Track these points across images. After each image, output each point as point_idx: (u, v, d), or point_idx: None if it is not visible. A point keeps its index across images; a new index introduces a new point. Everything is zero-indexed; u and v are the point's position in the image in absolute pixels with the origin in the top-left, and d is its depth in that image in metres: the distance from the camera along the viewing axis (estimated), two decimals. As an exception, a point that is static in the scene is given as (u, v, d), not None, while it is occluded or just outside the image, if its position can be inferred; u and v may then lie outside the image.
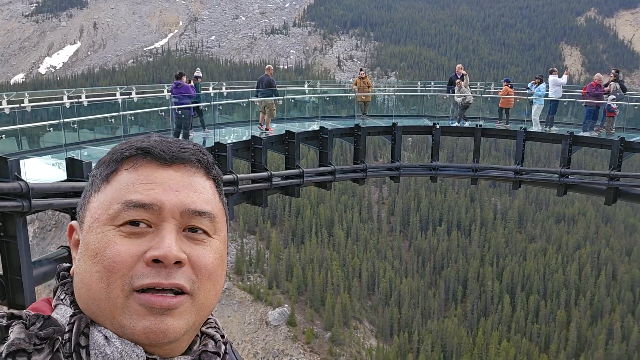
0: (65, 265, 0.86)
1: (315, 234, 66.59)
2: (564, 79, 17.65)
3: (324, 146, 15.57)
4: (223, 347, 0.84)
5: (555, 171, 15.75)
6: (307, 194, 67.26)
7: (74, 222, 0.84)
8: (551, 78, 17.18)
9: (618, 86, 16.64)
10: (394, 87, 28.39)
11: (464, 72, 18.00)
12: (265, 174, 13.48)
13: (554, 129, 17.11)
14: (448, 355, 57.67)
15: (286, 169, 14.81)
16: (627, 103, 16.94)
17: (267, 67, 16.62)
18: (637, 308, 62.69)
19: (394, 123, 16.76)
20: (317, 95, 18.62)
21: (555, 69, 18.10)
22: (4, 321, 0.70)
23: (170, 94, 14.50)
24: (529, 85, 18.39)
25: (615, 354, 56.51)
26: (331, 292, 59.28)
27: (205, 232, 0.80)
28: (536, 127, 16.93)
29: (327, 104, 20.10)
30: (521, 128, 16.46)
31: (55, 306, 0.80)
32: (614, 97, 16.07)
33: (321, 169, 15.41)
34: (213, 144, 13.07)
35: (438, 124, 16.96)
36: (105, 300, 0.73)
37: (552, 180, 15.99)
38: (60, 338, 0.71)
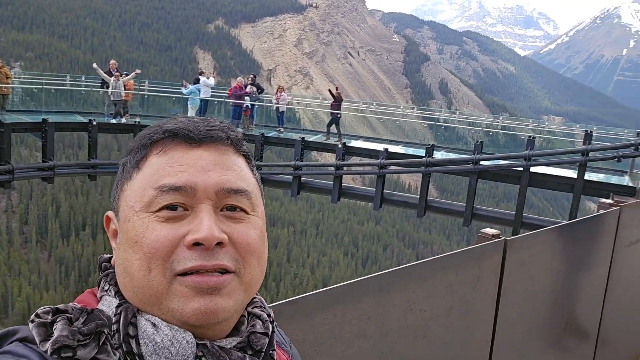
0: (106, 256, 0.85)
1: None
2: (212, 81, 19.44)
3: (-45, 145, 13.04)
4: (270, 326, 0.83)
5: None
6: None
7: (109, 213, 0.83)
8: (202, 79, 18.67)
9: (255, 89, 19.38)
10: (19, 78, 25.44)
11: (96, 66, 17.90)
12: None
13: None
14: None
15: None
16: (262, 104, 19.88)
17: None
18: (268, 281, 73.30)
19: (44, 119, 15.27)
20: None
21: (204, 71, 19.79)
22: (49, 317, 0.69)
23: None
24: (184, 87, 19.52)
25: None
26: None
27: (243, 209, 0.78)
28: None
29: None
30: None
31: (101, 297, 0.79)
32: (255, 97, 18.68)
33: (-47, 171, 12.87)
34: None
35: (94, 120, 16.30)
36: (148, 287, 0.72)
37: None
38: (106, 331, 0.70)
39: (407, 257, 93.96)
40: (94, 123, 16.04)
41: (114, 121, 17.37)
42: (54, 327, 0.68)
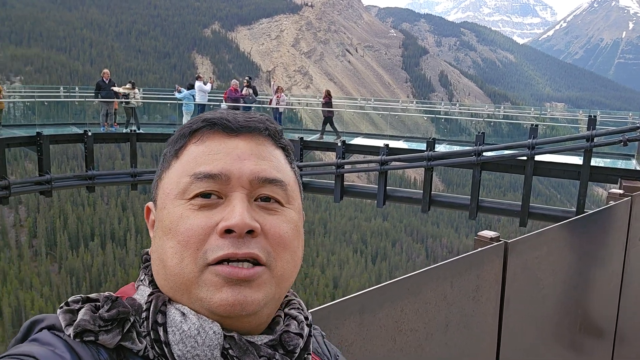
0: (148, 249, 0.85)
1: None
2: (208, 86, 19.17)
3: (-51, 163, 12.89)
4: (306, 329, 0.79)
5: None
6: None
7: (149, 203, 0.84)
8: (197, 84, 18.45)
9: (251, 91, 19.15)
10: (21, 92, 25.43)
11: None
12: None
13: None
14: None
15: None
16: (260, 105, 19.65)
17: None
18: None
19: (38, 132, 15.11)
20: None
21: (201, 75, 19.55)
22: (77, 305, 0.71)
23: None
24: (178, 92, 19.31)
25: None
26: (-35, 341, 49.21)
27: (277, 201, 0.77)
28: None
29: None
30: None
31: (137, 287, 0.81)
32: (252, 99, 18.46)
33: (-52, 190, 12.71)
34: None
35: (90, 131, 16.11)
36: (179, 275, 0.72)
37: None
38: (131, 319, 0.71)
39: (416, 251, 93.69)
40: (89, 134, 15.86)
41: (127, 130, 17.35)
42: (79, 313, 0.69)
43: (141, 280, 0.81)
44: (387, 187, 15.89)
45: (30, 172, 65.77)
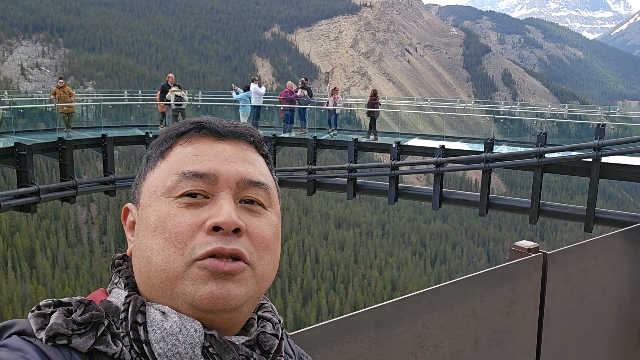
0: (120, 254, 0.87)
1: (13, 268, 57.54)
2: (263, 89, 19.37)
3: (23, 164, 13.69)
4: (280, 330, 0.82)
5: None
6: (-4, 223, 57.63)
7: (128, 204, 0.84)
8: (252, 86, 18.71)
9: (306, 92, 19.19)
10: (93, 96, 26.74)
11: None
12: (-54, 202, 11.14)
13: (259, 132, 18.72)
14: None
15: (-25, 193, 12.52)
16: (315, 107, 19.66)
17: None
18: (336, 284, 73.25)
19: (103, 134, 15.82)
20: (7, 107, 16.21)
21: (256, 77, 19.81)
22: (49, 310, 0.71)
23: None
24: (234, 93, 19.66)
25: (324, 327, 64.79)
26: (41, 330, 52.17)
27: (260, 204, 0.80)
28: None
29: (20, 117, 17.75)
30: (232, 133, 17.50)
31: (110, 291, 0.80)
32: (306, 100, 18.50)
33: (22, 190, 13.49)
34: None
35: (151, 133, 16.70)
36: (165, 271, 0.73)
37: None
38: (105, 322, 0.70)
39: (477, 255, 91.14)
40: (150, 136, 16.44)
41: None
42: (51, 317, 0.69)
43: (115, 284, 0.81)
44: (444, 189, 15.51)
45: (100, 172, 69.28)
